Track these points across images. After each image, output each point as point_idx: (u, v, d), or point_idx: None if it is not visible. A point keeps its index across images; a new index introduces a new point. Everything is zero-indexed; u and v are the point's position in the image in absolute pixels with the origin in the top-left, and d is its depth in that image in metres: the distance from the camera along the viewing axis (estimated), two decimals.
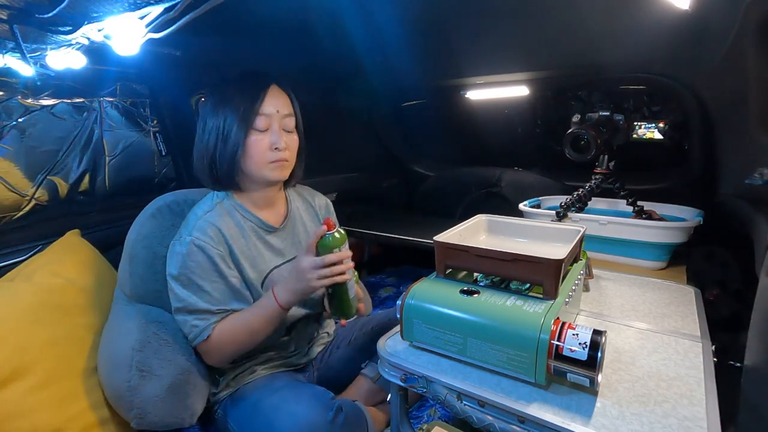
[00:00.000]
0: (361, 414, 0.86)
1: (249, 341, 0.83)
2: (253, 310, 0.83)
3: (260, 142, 0.84)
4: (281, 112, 0.85)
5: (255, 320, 0.82)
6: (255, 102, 0.83)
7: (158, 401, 0.78)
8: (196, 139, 0.88)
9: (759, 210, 0.84)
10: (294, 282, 0.80)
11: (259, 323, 0.82)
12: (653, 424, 0.50)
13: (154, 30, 0.66)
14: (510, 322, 0.58)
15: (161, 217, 0.95)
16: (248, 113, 0.82)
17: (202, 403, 0.87)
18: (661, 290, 0.90)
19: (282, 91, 0.88)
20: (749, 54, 0.80)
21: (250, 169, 0.85)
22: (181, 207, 0.98)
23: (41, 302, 0.84)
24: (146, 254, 0.92)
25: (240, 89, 0.84)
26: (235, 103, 0.82)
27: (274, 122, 0.85)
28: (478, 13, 0.95)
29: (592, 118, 1.23)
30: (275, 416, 0.78)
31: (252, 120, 0.82)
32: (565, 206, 1.15)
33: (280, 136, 0.85)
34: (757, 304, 0.57)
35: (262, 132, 0.84)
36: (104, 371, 0.82)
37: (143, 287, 0.92)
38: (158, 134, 1.37)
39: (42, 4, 0.61)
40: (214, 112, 0.84)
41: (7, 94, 1.00)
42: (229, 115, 0.82)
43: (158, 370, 0.80)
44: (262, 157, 0.84)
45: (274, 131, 0.85)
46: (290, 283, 0.81)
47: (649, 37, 0.94)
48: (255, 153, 0.84)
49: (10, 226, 1.01)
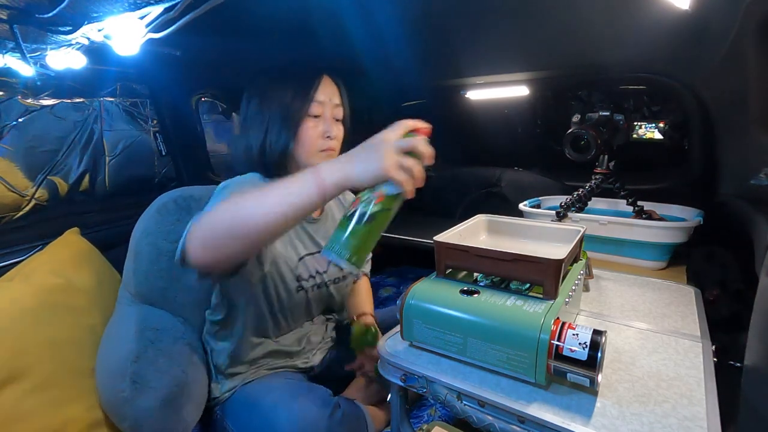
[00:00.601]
0: (360, 412, 0.86)
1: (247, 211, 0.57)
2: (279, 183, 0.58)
3: (313, 129, 0.83)
4: (333, 101, 0.86)
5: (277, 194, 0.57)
6: (310, 88, 0.82)
7: (152, 414, 0.77)
8: (241, 128, 0.86)
9: (759, 210, 0.84)
10: (361, 150, 0.57)
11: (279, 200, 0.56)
12: (653, 424, 0.50)
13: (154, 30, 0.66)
14: (510, 322, 0.58)
15: (166, 212, 0.95)
16: (303, 99, 0.82)
17: (197, 415, 0.86)
18: (661, 290, 0.90)
19: (333, 82, 0.87)
20: (749, 54, 0.80)
21: (300, 157, 0.84)
22: (188, 202, 0.98)
23: (40, 303, 0.83)
24: (151, 250, 0.92)
25: (293, 77, 0.84)
26: (289, 91, 0.82)
27: (326, 110, 0.85)
28: (478, 13, 0.95)
29: (592, 118, 1.23)
30: (273, 414, 0.78)
31: (307, 106, 0.82)
32: (565, 206, 1.15)
33: (331, 124, 0.85)
34: (757, 304, 0.57)
35: (315, 118, 0.83)
36: (100, 379, 0.81)
37: (147, 285, 0.92)
38: (158, 134, 1.37)
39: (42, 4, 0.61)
40: (266, 100, 0.83)
41: (7, 94, 1.00)
42: (283, 102, 0.82)
43: (153, 382, 0.79)
44: (314, 145, 0.83)
45: (327, 119, 0.85)
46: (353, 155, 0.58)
47: (649, 37, 0.94)
48: (307, 140, 0.83)
49: (10, 226, 1.02)
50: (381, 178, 0.56)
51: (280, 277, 0.86)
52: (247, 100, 0.86)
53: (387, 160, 0.55)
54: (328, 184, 0.56)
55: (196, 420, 0.85)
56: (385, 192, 0.57)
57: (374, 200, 0.57)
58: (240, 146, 0.87)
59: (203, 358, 0.93)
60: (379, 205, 0.57)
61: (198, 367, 0.89)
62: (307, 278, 0.91)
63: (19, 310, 0.80)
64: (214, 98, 1.69)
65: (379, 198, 0.57)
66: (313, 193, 0.55)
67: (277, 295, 0.87)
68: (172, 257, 0.93)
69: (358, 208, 0.58)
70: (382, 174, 0.55)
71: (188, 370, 0.85)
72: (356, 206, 0.58)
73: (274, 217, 0.56)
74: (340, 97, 0.89)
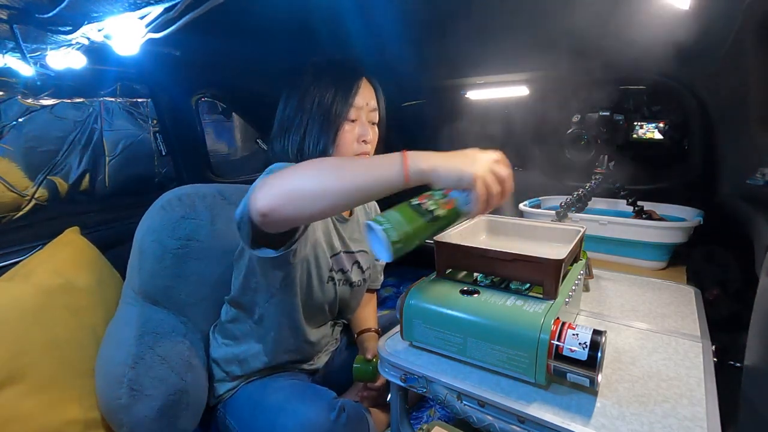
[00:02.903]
0: (363, 415, 0.86)
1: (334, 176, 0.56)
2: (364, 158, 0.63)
3: (349, 133, 0.83)
4: (370, 105, 0.85)
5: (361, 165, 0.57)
6: (349, 93, 0.82)
7: (148, 422, 0.76)
8: (278, 128, 0.86)
9: (759, 210, 0.84)
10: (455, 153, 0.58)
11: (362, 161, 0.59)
12: (653, 424, 0.50)
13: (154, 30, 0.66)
14: (510, 322, 0.58)
15: (171, 209, 0.95)
16: (343, 104, 0.81)
17: (194, 422, 0.85)
18: (661, 290, 0.90)
19: (370, 85, 0.87)
20: (749, 54, 0.80)
21: None
22: (192, 199, 0.97)
23: (40, 303, 0.83)
24: (156, 248, 0.91)
25: (334, 80, 0.83)
26: (330, 94, 0.81)
27: (362, 114, 0.84)
28: (478, 13, 0.95)
29: (592, 118, 1.23)
30: (278, 415, 0.78)
31: (346, 111, 0.82)
32: (565, 206, 1.15)
33: (367, 128, 0.85)
34: (757, 304, 0.57)
35: (352, 123, 0.83)
36: (98, 384, 0.81)
37: (151, 282, 0.91)
38: (158, 134, 1.37)
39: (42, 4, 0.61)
40: (305, 101, 0.83)
41: (7, 94, 1.00)
42: (323, 105, 0.81)
43: (150, 390, 0.78)
44: (349, 148, 0.83)
45: (363, 123, 0.84)
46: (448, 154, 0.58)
47: (648, 37, 0.94)
48: (343, 143, 0.83)
49: (10, 226, 1.02)
50: (464, 183, 0.56)
51: (316, 263, 0.86)
52: (285, 100, 0.86)
53: (480, 169, 0.55)
54: (414, 170, 0.55)
55: (193, 427, 0.85)
56: (457, 202, 0.57)
57: (443, 205, 0.57)
58: (277, 147, 0.86)
59: (204, 361, 0.92)
60: (446, 211, 0.57)
61: (197, 372, 0.88)
62: (337, 271, 0.91)
63: (18, 310, 0.80)
64: (214, 98, 1.69)
65: (449, 204, 0.57)
66: (399, 172, 0.55)
67: (309, 282, 0.86)
68: (176, 255, 0.93)
69: (426, 202, 0.57)
70: (469, 179, 0.55)
71: (187, 377, 0.84)
72: (424, 200, 0.57)
73: (355, 185, 0.55)
74: (378, 102, 0.89)
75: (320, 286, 0.88)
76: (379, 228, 0.53)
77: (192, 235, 0.95)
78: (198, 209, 0.97)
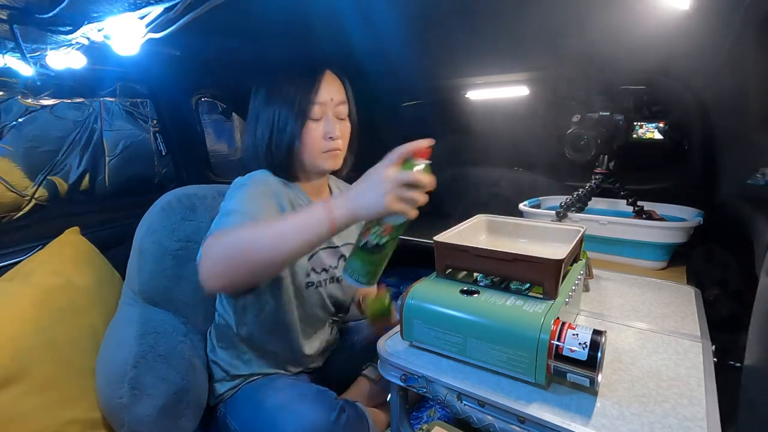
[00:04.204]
0: (363, 415, 0.86)
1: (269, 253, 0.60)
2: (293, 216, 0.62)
3: (315, 131, 0.82)
4: (335, 100, 0.83)
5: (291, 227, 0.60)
6: (310, 91, 0.80)
7: (149, 421, 0.76)
8: (248, 131, 0.86)
9: (759, 210, 0.84)
10: (362, 192, 0.61)
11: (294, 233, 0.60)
12: (653, 424, 0.50)
13: (154, 30, 0.66)
14: (510, 322, 0.58)
15: (171, 210, 0.95)
16: (304, 103, 0.80)
17: (195, 421, 0.85)
18: (661, 290, 0.90)
19: (336, 78, 0.85)
20: (749, 54, 0.80)
21: (305, 159, 0.84)
22: (192, 200, 0.97)
23: (40, 303, 0.83)
24: (155, 249, 0.92)
25: (294, 77, 0.82)
26: (290, 93, 0.80)
27: (328, 110, 0.83)
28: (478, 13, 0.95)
29: (592, 118, 1.23)
30: (279, 416, 0.78)
31: (308, 110, 0.80)
32: (565, 206, 1.15)
33: (334, 124, 0.83)
34: (757, 304, 0.57)
35: (317, 121, 0.82)
36: (99, 383, 0.81)
37: (151, 283, 0.91)
38: (158, 134, 1.37)
39: (42, 4, 0.61)
40: (268, 102, 0.82)
41: (7, 94, 1.01)
42: (284, 105, 0.80)
43: (151, 389, 0.78)
44: (317, 147, 0.83)
45: (329, 120, 0.83)
46: (357, 193, 0.61)
47: (649, 37, 0.94)
48: (309, 142, 0.82)
49: (10, 226, 1.02)
50: (385, 214, 0.61)
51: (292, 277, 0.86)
52: (254, 97, 0.86)
53: (388, 199, 0.59)
54: (338, 223, 0.60)
55: (194, 427, 0.85)
56: (392, 223, 0.64)
57: (384, 232, 0.64)
58: (248, 142, 0.87)
59: (204, 361, 0.92)
60: (388, 235, 0.64)
61: (198, 372, 0.88)
62: (320, 271, 0.90)
63: (18, 310, 0.80)
64: (214, 98, 1.69)
65: (387, 230, 0.64)
66: (325, 230, 0.60)
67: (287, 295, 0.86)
68: (176, 256, 0.93)
69: (369, 238, 0.64)
70: (386, 211, 0.60)
71: (188, 376, 0.84)
72: (368, 236, 0.64)
73: (288, 252, 0.60)
74: (345, 94, 0.87)
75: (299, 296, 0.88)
76: (351, 280, 0.67)
77: (192, 236, 0.95)
78: (198, 211, 0.97)
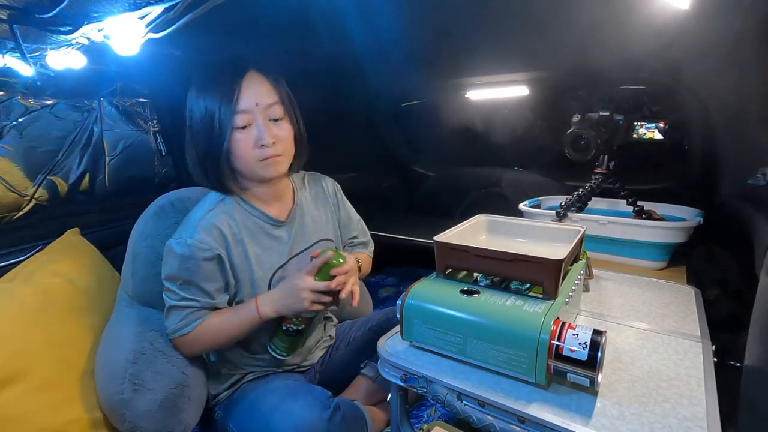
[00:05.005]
0: (360, 413, 0.86)
1: (225, 343, 0.85)
2: (233, 315, 0.82)
3: (243, 141, 0.76)
4: (262, 103, 0.77)
5: (234, 326, 0.82)
6: (230, 100, 0.74)
7: (150, 416, 0.76)
8: (187, 139, 0.82)
9: (759, 210, 0.84)
10: (285, 298, 0.80)
11: (237, 329, 0.83)
12: (653, 424, 0.50)
13: (154, 30, 0.66)
14: (510, 322, 0.58)
15: (164, 215, 0.95)
16: (225, 113, 0.74)
17: (196, 416, 0.85)
18: (661, 290, 0.90)
19: (262, 77, 0.78)
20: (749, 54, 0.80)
21: (242, 169, 0.80)
22: (185, 204, 0.97)
23: (40, 303, 0.83)
24: (148, 253, 0.92)
25: (214, 85, 0.76)
26: (211, 103, 0.75)
27: (256, 116, 0.77)
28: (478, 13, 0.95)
29: (592, 118, 1.23)
30: (273, 416, 0.78)
31: (230, 120, 0.75)
32: (565, 206, 1.15)
33: (266, 130, 0.77)
34: (757, 304, 0.57)
35: (243, 129, 0.76)
36: (99, 380, 0.81)
37: (144, 287, 0.92)
38: (158, 134, 1.37)
39: (42, 4, 0.61)
40: (195, 111, 0.78)
41: (7, 94, 1.01)
42: (208, 115, 0.75)
43: (151, 384, 0.78)
44: (249, 156, 0.78)
45: (259, 126, 0.77)
46: (281, 298, 0.81)
47: (649, 37, 0.94)
48: (241, 152, 0.77)
49: (10, 226, 1.02)
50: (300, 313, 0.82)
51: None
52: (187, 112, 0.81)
53: (305, 303, 0.79)
54: (266, 317, 0.81)
55: (195, 421, 0.85)
56: (307, 316, 0.85)
57: (299, 321, 0.85)
58: (189, 162, 0.83)
59: (202, 359, 0.93)
60: (303, 325, 0.86)
61: (197, 368, 0.88)
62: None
63: (19, 311, 0.80)
64: None
65: (303, 321, 0.85)
66: (257, 322, 0.82)
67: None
68: None
69: (290, 326, 0.85)
70: (303, 312, 0.82)
71: (188, 371, 0.85)
72: (288, 324, 0.85)
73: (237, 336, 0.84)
74: (276, 93, 0.79)
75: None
76: (275, 354, 0.88)
77: None
78: None
